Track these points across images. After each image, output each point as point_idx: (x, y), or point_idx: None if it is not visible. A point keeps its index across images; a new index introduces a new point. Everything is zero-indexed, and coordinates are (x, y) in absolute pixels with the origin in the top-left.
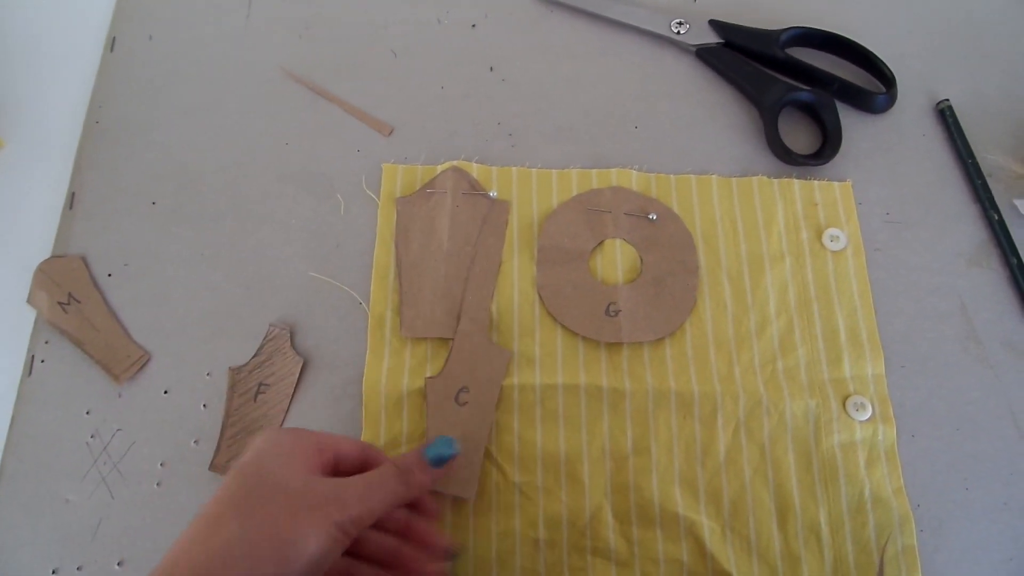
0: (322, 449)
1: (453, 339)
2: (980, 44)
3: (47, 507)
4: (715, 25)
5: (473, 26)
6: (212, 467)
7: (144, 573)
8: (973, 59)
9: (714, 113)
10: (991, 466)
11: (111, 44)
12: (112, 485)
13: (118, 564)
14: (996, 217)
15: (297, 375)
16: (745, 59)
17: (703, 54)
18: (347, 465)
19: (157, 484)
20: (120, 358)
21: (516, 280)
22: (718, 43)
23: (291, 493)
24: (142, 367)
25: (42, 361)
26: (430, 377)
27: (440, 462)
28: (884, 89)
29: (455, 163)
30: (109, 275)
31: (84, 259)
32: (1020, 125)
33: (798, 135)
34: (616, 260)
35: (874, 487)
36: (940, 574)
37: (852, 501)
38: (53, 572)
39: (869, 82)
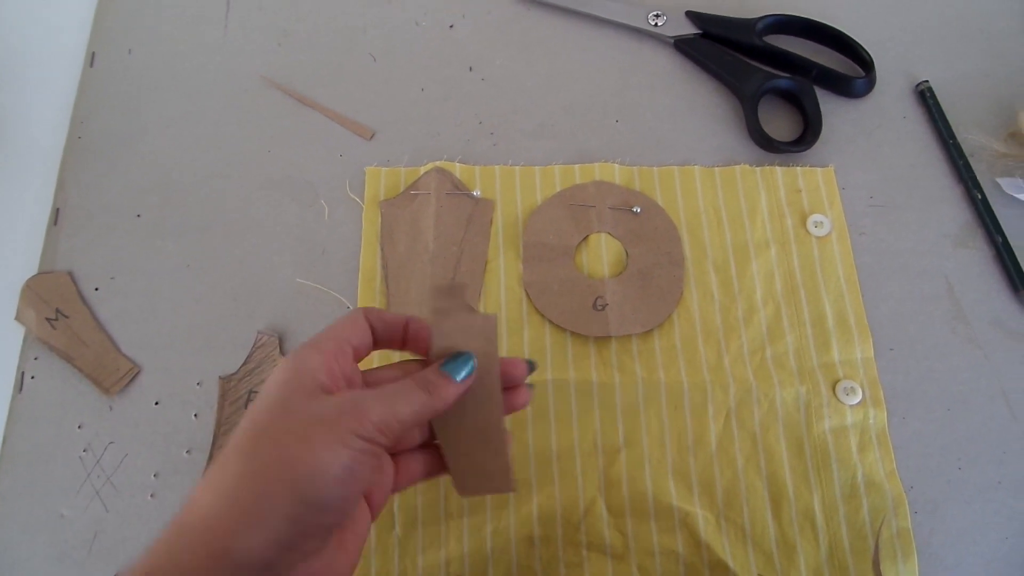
0: (337, 357)
1: (431, 321)
2: (958, 24)
3: (42, 523)
4: (692, 16)
5: (451, 27)
6: None
7: None
8: (951, 40)
9: (694, 104)
10: (983, 446)
11: (91, 59)
12: (106, 498)
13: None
14: (980, 196)
15: None
16: (723, 48)
17: (681, 45)
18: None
19: (151, 495)
20: (110, 371)
21: (503, 278)
22: (696, 34)
23: (298, 417)
24: (132, 379)
25: (32, 377)
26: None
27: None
28: (863, 73)
29: (438, 164)
30: (96, 289)
31: (71, 274)
32: (1000, 104)
33: (779, 122)
34: (602, 254)
35: (867, 471)
36: (936, 555)
37: (845, 486)
38: None
39: (848, 67)
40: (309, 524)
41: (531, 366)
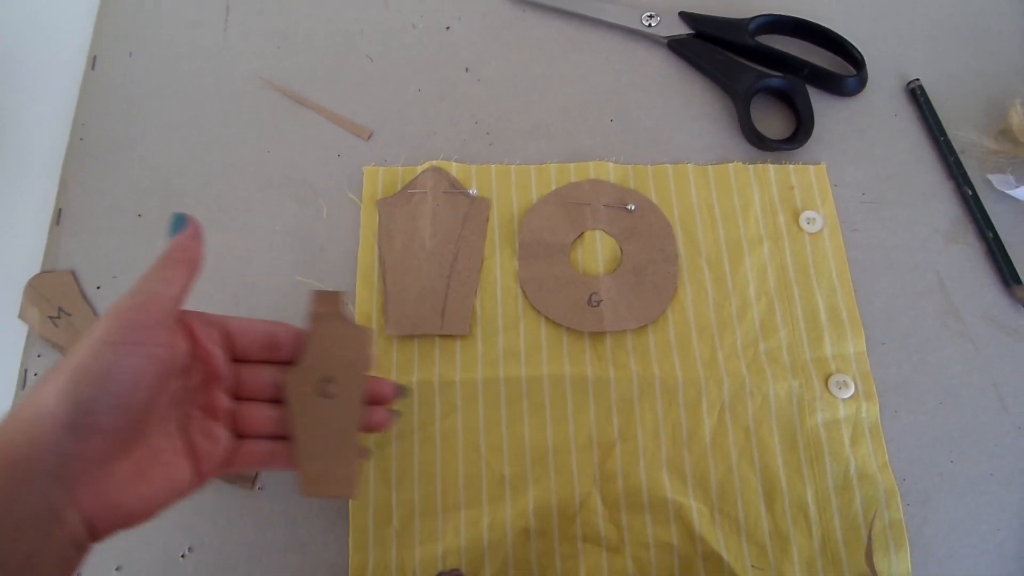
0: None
1: (307, 324)
2: (948, 23)
3: None
4: (685, 16)
5: (447, 28)
6: None
7: None
8: (941, 38)
9: (688, 103)
10: (975, 438)
11: (92, 62)
12: None
13: (116, 569)
14: (970, 193)
15: None
16: (716, 48)
17: (675, 45)
18: (251, 346)
19: None
20: None
21: (499, 275)
22: (689, 34)
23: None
24: None
25: (35, 375)
26: (289, 371)
27: (179, 229)
28: (854, 72)
29: (434, 163)
30: (98, 288)
31: (73, 273)
32: (990, 101)
33: (771, 121)
34: (597, 251)
35: (859, 464)
36: (928, 547)
37: (838, 478)
38: None
39: (839, 66)
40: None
41: (401, 392)
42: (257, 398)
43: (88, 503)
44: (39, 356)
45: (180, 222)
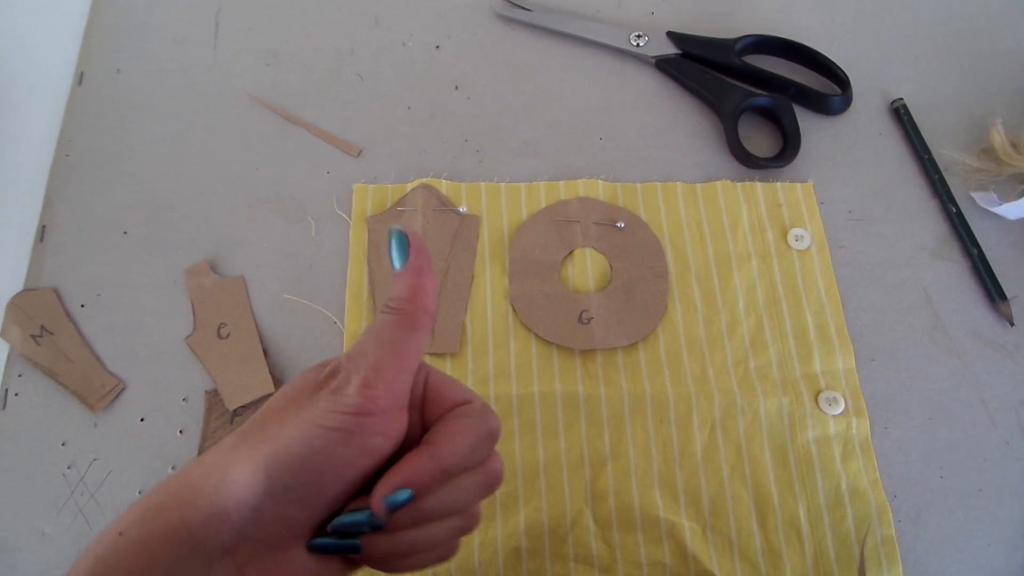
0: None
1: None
2: (930, 43)
3: (24, 541)
4: (673, 37)
5: (437, 47)
6: None
7: None
8: (924, 58)
9: (676, 122)
10: (965, 453)
11: (79, 78)
12: (90, 516)
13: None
14: (955, 210)
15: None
16: (703, 68)
17: (663, 65)
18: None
19: None
20: (95, 388)
21: (489, 293)
22: (676, 54)
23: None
24: (117, 396)
25: (16, 394)
26: (189, 336)
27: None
28: (839, 91)
29: (424, 181)
30: (82, 306)
31: (56, 291)
32: (973, 120)
33: (759, 139)
34: (587, 269)
35: (851, 480)
36: (920, 562)
37: (830, 495)
38: None
39: (825, 85)
40: (272, 506)
41: None
42: None
43: None
44: (20, 376)
45: (402, 243)
